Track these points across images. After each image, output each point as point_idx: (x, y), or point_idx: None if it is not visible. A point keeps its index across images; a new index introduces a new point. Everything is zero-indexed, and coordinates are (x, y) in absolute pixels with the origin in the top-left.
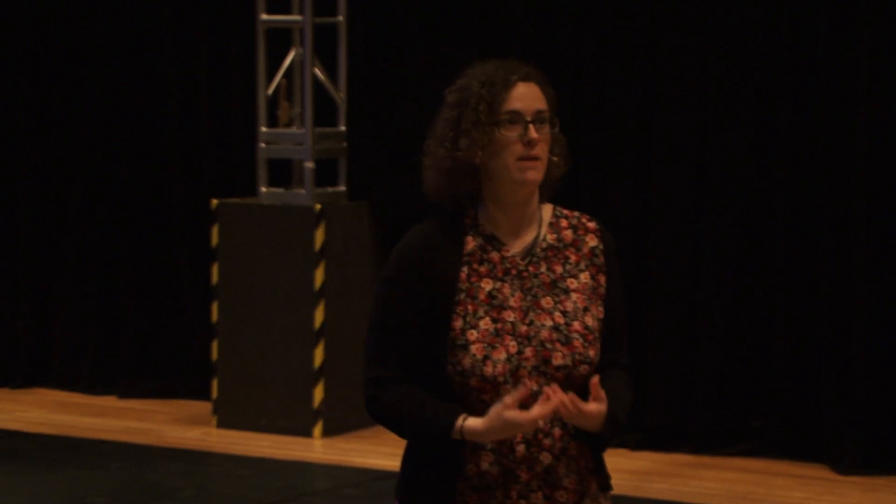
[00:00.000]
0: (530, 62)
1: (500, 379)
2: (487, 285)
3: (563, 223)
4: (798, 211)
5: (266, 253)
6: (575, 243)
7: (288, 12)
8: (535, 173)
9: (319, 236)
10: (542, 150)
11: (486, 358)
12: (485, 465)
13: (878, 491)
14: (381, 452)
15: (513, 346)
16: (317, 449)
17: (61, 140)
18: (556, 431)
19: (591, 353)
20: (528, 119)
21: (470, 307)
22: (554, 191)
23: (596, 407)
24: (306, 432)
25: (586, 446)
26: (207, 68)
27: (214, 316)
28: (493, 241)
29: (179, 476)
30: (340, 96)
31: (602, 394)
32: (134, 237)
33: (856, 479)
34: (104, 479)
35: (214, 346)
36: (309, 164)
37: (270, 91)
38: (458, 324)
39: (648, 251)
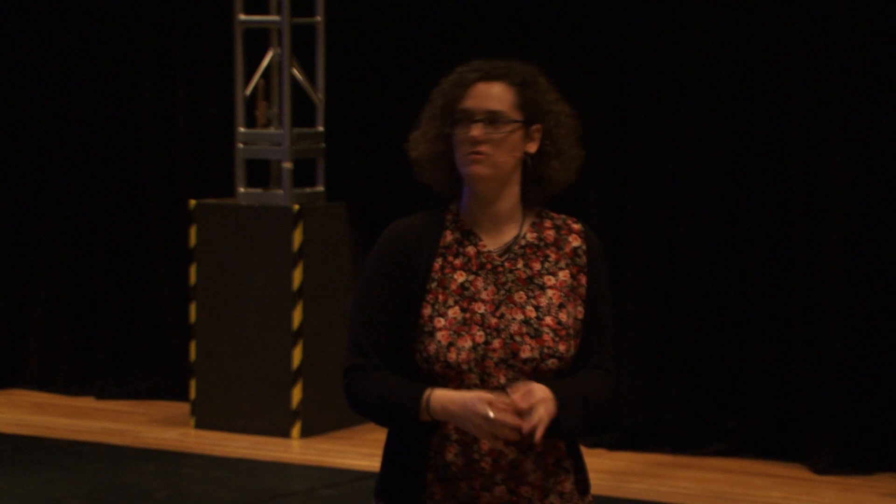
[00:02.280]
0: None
1: (465, 367)
2: (460, 277)
3: (548, 223)
4: (773, 212)
5: (244, 253)
6: (556, 242)
7: (266, 12)
8: (481, 168)
9: (297, 237)
10: (490, 149)
11: (450, 345)
12: (450, 457)
13: (855, 490)
14: (360, 453)
15: (480, 335)
16: (295, 449)
17: (36, 140)
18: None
19: (562, 347)
20: (476, 118)
21: (440, 296)
22: (545, 196)
23: (524, 401)
24: (284, 433)
25: (560, 444)
26: (184, 68)
27: (192, 316)
28: (470, 236)
29: (156, 477)
30: (318, 97)
31: (530, 392)
32: (110, 237)
33: (833, 478)
34: (80, 481)
35: (192, 346)
36: (287, 165)
37: (248, 91)
38: (427, 311)
39: (624, 251)
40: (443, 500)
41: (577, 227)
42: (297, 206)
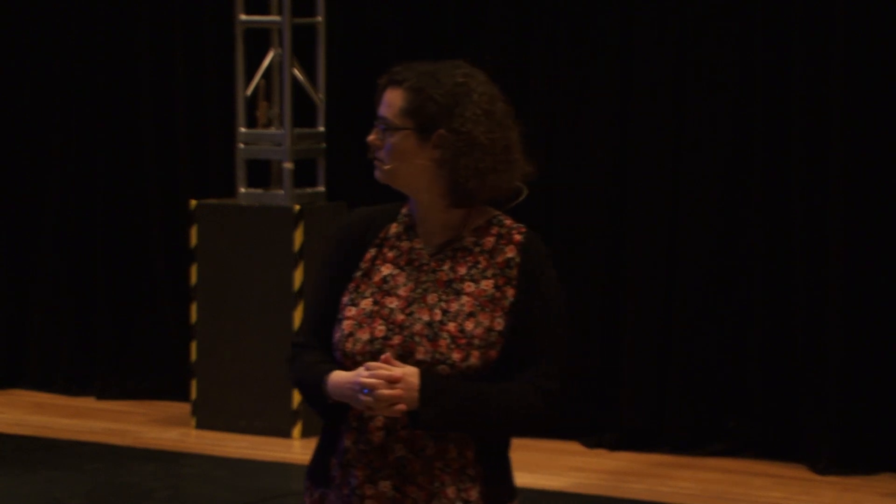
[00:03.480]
0: (508, 65)
1: (359, 358)
2: (386, 270)
3: (493, 230)
4: (773, 212)
5: (245, 254)
6: (492, 251)
7: (266, 13)
8: (378, 173)
9: (298, 237)
10: (384, 154)
11: (350, 335)
12: (347, 443)
13: (856, 490)
14: None
15: (380, 330)
16: (296, 450)
17: (36, 140)
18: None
19: (456, 356)
20: (376, 124)
21: (361, 286)
22: (468, 198)
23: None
24: (285, 433)
25: (468, 450)
26: (184, 68)
27: (193, 317)
28: (409, 232)
29: (155, 477)
30: (319, 97)
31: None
32: (111, 238)
33: (833, 478)
34: (80, 481)
35: (193, 346)
36: (288, 165)
37: (249, 92)
38: (345, 299)
39: (625, 251)
40: (340, 486)
41: (518, 238)
42: (297, 207)
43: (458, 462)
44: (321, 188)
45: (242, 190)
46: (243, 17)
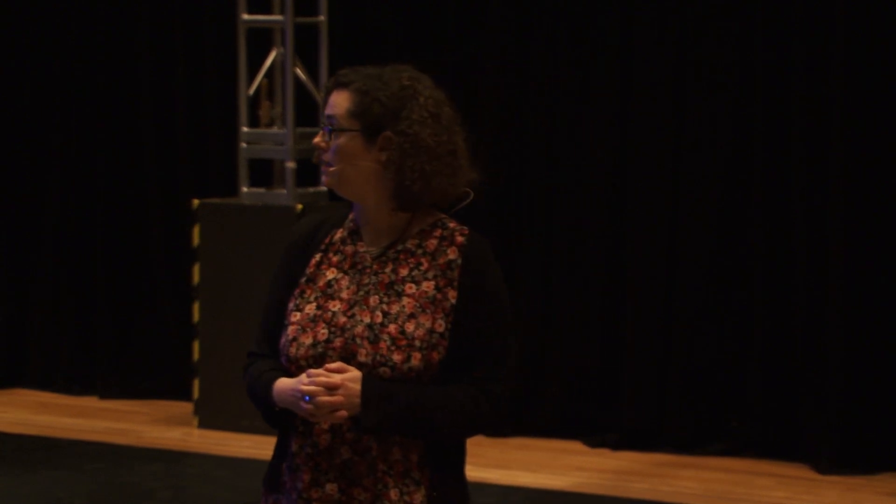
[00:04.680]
0: (508, 65)
1: (303, 363)
2: (330, 274)
3: (437, 233)
4: (773, 211)
5: (247, 253)
6: (434, 253)
7: (269, 12)
8: (325, 177)
9: None
10: (329, 157)
11: (294, 339)
12: (294, 447)
13: (858, 490)
14: None
15: (323, 333)
16: None
17: (37, 140)
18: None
19: (396, 357)
20: (322, 125)
21: (307, 292)
22: (413, 201)
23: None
24: None
25: (412, 453)
26: (186, 68)
27: (195, 316)
28: (354, 236)
29: (157, 477)
30: (321, 96)
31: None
32: (113, 237)
33: (835, 478)
34: (82, 480)
35: (195, 346)
36: (290, 164)
37: (251, 91)
38: (291, 305)
39: (625, 251)
40: (290, 490)
41: (460, 239)
42: (300, 206)
43: (403, 465)
44: (323, 188)
45: (245, 189)
46: (245, 16)
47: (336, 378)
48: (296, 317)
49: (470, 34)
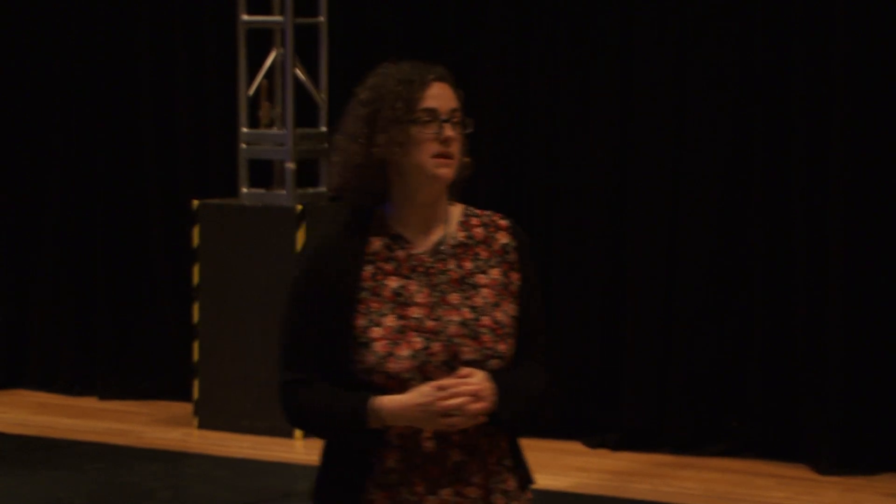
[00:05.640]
0: (508, 65)
1: (406, 375)
2: (393, 283)
3: (474, 221)
4: (771, 212)
5: (247, 253)
6: (486, 240)
7: (269, 13)
8: (449, 171)
9: (300, 237)
10: (455, 149)
11: (389, 354)
12: (390, 463)
13: (858, 491)
14: None
15: (418, 342)
16: (298, 450)
17: (37, 140)
18: (468, 428)
19: (501, 347)
20: (444, 118)
21: (374, 305)
22: (461, 190)
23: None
24: (287, 433)
25: (502, 441)
26: (186, 68)
27: (195, 317)
28: (398, 240)
29: (157, 477)
30: (321, 97)
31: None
32: (113, 238)
33: (835, 478)
34: (82, 481)
35: (195, 346)
36: (290, 165)
37: (251, 92)
38: (361, 322)
39: (625, 251)
40: None
41: (503, 223)
42: (300, 207)
43: (498, 454)
44: (323, 188)
45: (244, 190)
46: (245, 17)
47: (478, 383)
48: (376, 332)
49: (470, 34)
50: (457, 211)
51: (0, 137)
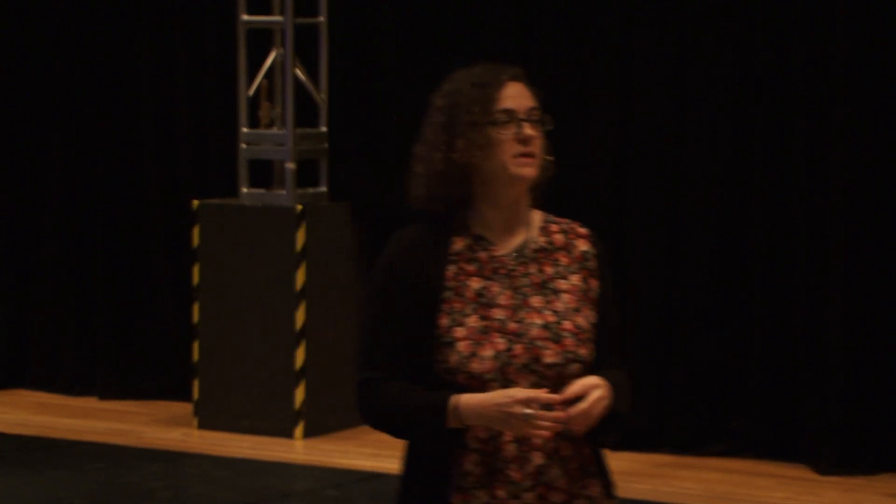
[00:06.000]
0: (509, 62)
1: (488, 376)
2: (476, 284)
3: (554, 227)
4: (771, 212)
5: (247, 254)
6: (566, 247)
7: (268, 13)
8: (532, 170)
9: (300, 237)
10: (536, 147)
11: (472, 355)
12: (469, 466)
13: (858, 491)
14: (363, 453)
15: (501, 343)
16: (298, 450)
17: (37, 140)
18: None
19: (583, 351)
20: (522, 117)
21: (457, 305)
22: (543, 192)
23: (582, 406)
24: (287, 433)
25: (585, 448)
26: (186, 69)
27: (195, 317)
28: (481, 241)
29: (157, 477)
30: (321, 97)
31: (588, 387)
32: (113, 238)
33: (835, 478)
34: (83, 481)
35: (195, 346)
36: (290, 165)
37: (251, 92)
38: (445, 321)
39: (625, 251)
40: None
41: (582, 230)
42: (300, 207)
43: (580, 460)
44: (323, 188)
45: (244, 190)
46: (245, 17)
47: (590, 398)
48: (460, 332)
49: (469, 34)
50: (537, 216)
51: (0, 137)
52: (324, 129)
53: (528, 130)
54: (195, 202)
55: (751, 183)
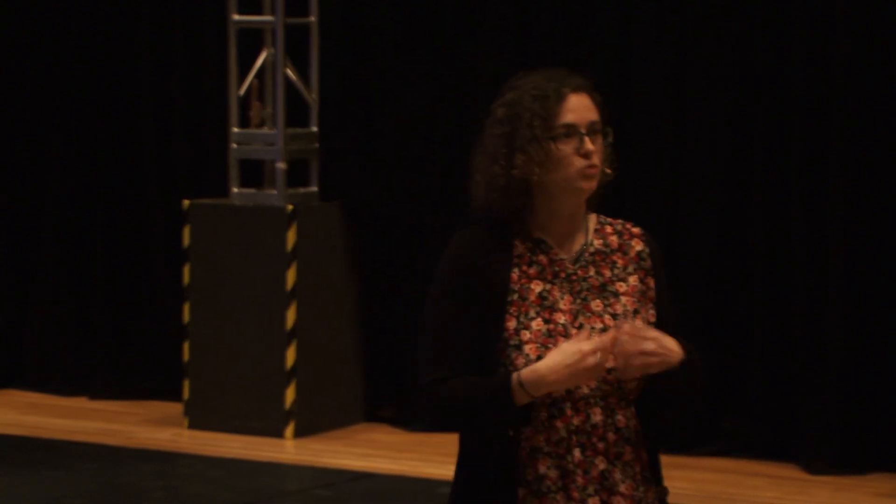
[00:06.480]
0: (505, 62)
1: None
2: (538, 287)
3: (608, 229)
4: (771, 212)
5: (238, 253)
6: (621, 248)
7: (260, 13)
8: (592, 183)
9: (291, 237)
10: (597, 161)
11: (539, 358)
12: (543, 469)
13: (849, 491)
14: (353, 453)
15: None
16: (288, 450)
17: (33, 142)
18: (611, 436)
19: None
20: (583, 131)
21: (522, 308)
22: (599, 199)
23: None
24: (278, 433)
25: (643, 452)
26: (180, 68)
27: (186, 317)
28: (541, 245)
29: (150, 477)
30: (312, 97)
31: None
32: (106, 238)
33: (827, 478)
34: (75, 481)
35: (186, 346)
36: (281, 165)
37: (242, 91)
38: (512, 324)
39: None
40: None
41: (636, 230)
42: (290, 207)
43: (640, 464)
44: (314, 188)
45: (235, 190)
46: (236, 17)
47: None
48: (526, 335)
49: (468, 34)
50: (591, 219)
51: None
52: (315, 128)
53: (589, 145)
54: (186, 202)
55: (751, 183)
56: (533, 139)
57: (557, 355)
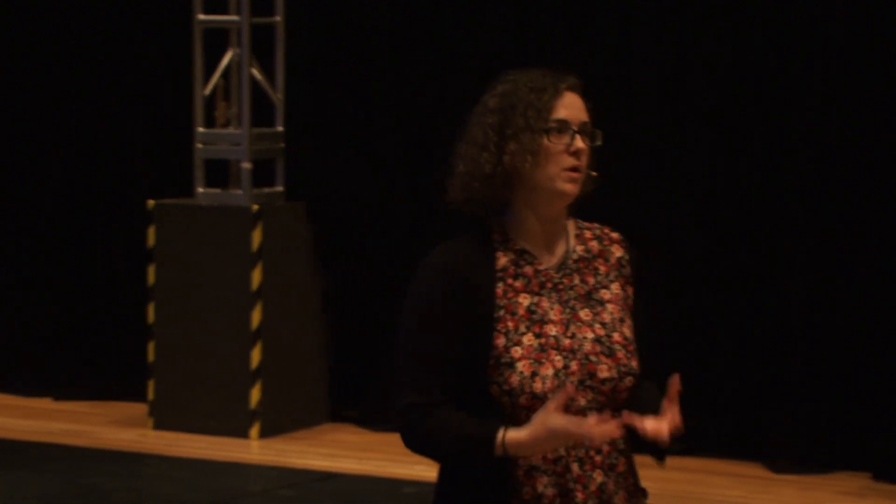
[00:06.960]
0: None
1: (550, 395)
2: (525, 300)
3: (588, 234)
4: (744, 213)
5: (203, 253)
6: (602, 254)
7: (225, 12)
8: (575, 186)
9: (257, 237)
10: (584, 162)
11: (534, 374)
12: (540, 487)
13: (814, 489)
14: (318, 453)
15: (558, 360)
16: (253, 450)
17: None
18: (605, 447)
19: (634, 363)
20: (575, 129)
21: (511, 324)
22: (580, 204)
23: (655, 426)
24: (243, 433)
25: (631, 462)
26: (145, 67)
27: (151, 317)
28: (524, 255)
29: (115, 478)
30: (278, 97)
31: (670, 406)
32: (68, 238)
33: (791, 477)
34: (39, 482)
35: (151, 347)
36: (246, 165)
37: (207, 91)
38: (501, 341)
39: None
40: None
41: (615, 235)
42: (256, 206)
43: (633, 473)
44: (280, 188)
45: (200, 190)
46: (201, 16)
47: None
48: (517, 352)
49: (430, 34)
50: (570, 224)
51: None
52: (280, 128)
53: (580, 143)
54: (151, 202)
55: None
56: (527, 128)
57: (543, 432)
